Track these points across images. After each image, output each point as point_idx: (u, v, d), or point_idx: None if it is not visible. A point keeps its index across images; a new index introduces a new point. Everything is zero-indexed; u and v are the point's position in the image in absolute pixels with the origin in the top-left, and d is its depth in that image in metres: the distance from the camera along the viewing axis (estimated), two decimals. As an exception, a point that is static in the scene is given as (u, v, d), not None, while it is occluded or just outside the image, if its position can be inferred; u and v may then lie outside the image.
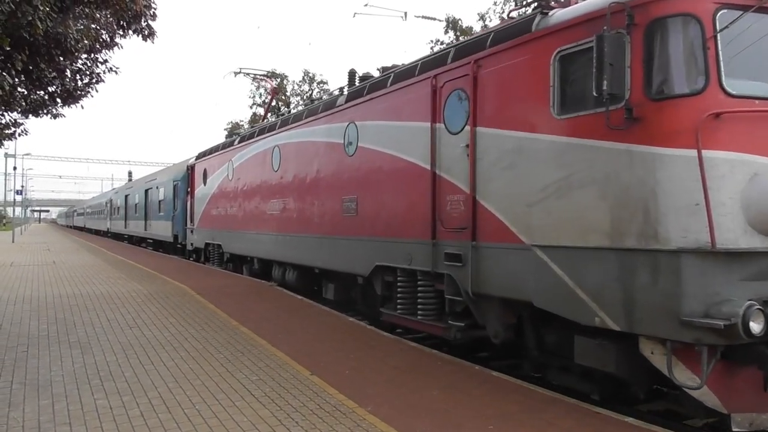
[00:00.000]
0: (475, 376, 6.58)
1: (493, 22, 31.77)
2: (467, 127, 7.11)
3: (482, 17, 32.58)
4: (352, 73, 11.47)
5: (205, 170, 19.14)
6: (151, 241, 30.14)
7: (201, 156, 20.10)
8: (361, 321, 9.99)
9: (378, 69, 11.14)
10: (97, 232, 56.02)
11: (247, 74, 20.81)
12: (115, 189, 51.59)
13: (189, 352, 7.58)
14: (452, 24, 33.01)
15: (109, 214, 46.42)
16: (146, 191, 30.28)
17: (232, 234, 16.48)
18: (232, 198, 16.32)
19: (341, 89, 11.75)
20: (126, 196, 37.55)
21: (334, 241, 10.36)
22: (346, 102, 10.36)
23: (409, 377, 6.49)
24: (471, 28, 32.22)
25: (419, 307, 8.18)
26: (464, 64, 7.29)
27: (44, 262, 21.97)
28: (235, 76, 19.91)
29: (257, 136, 14.79)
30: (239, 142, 16.31)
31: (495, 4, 32.41)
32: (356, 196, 9.63)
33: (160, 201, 26.77)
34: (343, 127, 10.21)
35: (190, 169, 21.11)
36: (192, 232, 20.67)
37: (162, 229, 26.12)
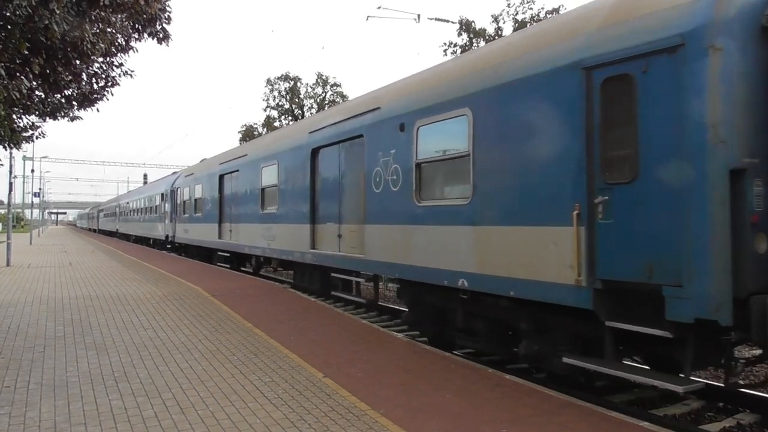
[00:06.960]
0: (488, 379, 6.53)
1: (507, 23, 31.63)
2: None
3: (496, 19, 32.45)
4: None
5: None
6: (315, 267, 12.51)
7: None
8: (374, 323, 9.98)
9: None
10: (138, 240, 38.40)
11: None
12: (178, 173, 30.39)
13: (203, 354, 7.62)
14: (465, 26, 32.87)
15: (170, 213, 27.38)
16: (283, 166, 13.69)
17: None
18: None
19: None
20: (226, 175, 18.73)
21: None
22: None
23: (422, 380, 6.46)
24: (484, 30, 32.07)
25: None
26: None
27: (61, 264, 22.23)
28: None
29: None
30: None
31: (509, 5, 32.09)
32: None
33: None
34: None
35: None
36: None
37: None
